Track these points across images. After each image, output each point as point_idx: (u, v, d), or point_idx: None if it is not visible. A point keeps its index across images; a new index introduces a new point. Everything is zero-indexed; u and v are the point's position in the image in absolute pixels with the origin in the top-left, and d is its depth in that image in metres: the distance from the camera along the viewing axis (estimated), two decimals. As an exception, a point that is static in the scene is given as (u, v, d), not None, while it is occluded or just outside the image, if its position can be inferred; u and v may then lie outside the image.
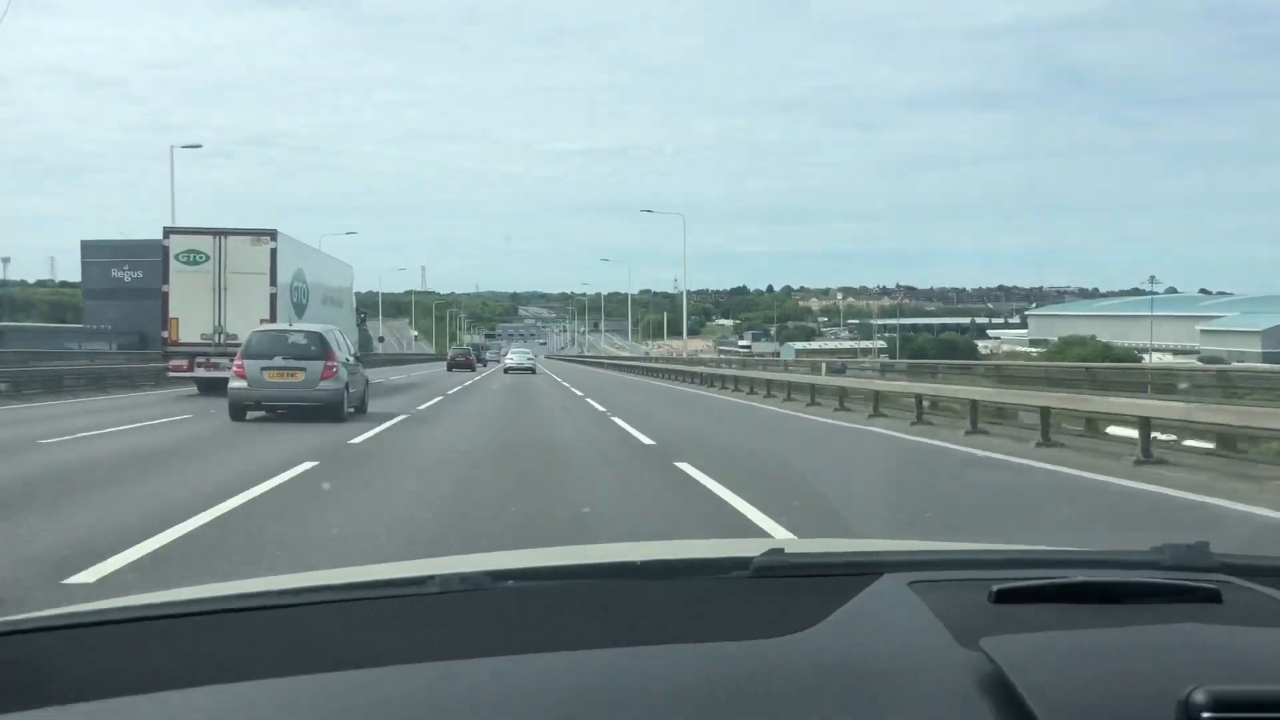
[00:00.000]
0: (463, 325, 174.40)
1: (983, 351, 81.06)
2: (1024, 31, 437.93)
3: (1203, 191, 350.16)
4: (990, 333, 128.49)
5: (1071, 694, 0.93)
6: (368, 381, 19.98)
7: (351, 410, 17.35)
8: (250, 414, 16.67)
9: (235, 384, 16.65)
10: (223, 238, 26.56)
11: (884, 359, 68.54)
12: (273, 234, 26.76)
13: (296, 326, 19.44)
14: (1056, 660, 1.02)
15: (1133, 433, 12.16)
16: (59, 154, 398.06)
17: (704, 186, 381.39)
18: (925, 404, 17.85)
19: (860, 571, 1.38)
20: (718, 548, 2.27)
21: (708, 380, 36.05)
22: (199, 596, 1.36)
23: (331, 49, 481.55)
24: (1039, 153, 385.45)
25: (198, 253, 26.65)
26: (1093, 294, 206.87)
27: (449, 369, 55.80)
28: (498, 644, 1.12)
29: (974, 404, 15.77)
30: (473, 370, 54.85)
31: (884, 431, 16.13)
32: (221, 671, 1.07)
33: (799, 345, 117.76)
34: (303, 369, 16.67)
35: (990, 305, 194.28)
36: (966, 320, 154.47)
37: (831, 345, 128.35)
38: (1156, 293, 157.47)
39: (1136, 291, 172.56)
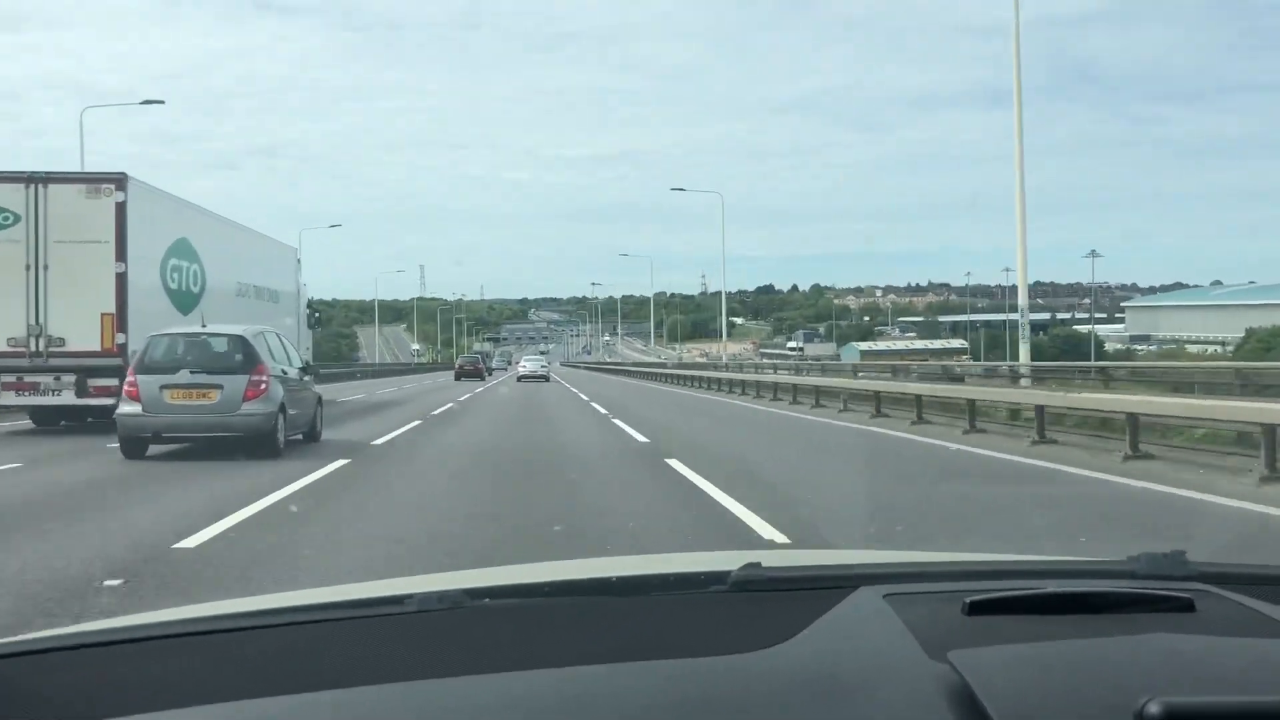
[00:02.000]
0: (466, 330, 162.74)
1: (1107, 350, 69.42)
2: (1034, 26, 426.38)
3: (1217, 186, 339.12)
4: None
5: (1035, 706, 0.92)
6: (320, 400, 15.87)
7: (298, 438, 14.07)
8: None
9: (126, 409, 12.79)
10: (40, 186, 16.88)
11: (963, 359, 57.99)
12: (119, 179, 16.99)
13: (212, 329, 14.16)
14: (1022, 672, 1.00)
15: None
16: (69, 167, 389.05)
17: (713, 189, 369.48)
18: None
19: (836, 585, 1.35)
20: (694, 561, 1.94)
21: (786, 392, 26.47)
22: (172, 619, 1.32)
23: (334, 57, 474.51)
24: (1057, 149, 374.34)
25: (2, 211, 16.69)
26: (1131, 289, 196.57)
27: (457, 378, 54.18)
28: (476, 662, 1.11)
29: None
30: (481, 379, 53.66)
31: None
32: (196, 694, 1.04)
33: (863, 346, 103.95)
34: (218, 386, 12.77)
35: (1040, 301, 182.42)
36: (1046, 316, 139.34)
37: (901, 346, 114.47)
38: (1201, 285, 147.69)
39: (1179, 285, 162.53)
